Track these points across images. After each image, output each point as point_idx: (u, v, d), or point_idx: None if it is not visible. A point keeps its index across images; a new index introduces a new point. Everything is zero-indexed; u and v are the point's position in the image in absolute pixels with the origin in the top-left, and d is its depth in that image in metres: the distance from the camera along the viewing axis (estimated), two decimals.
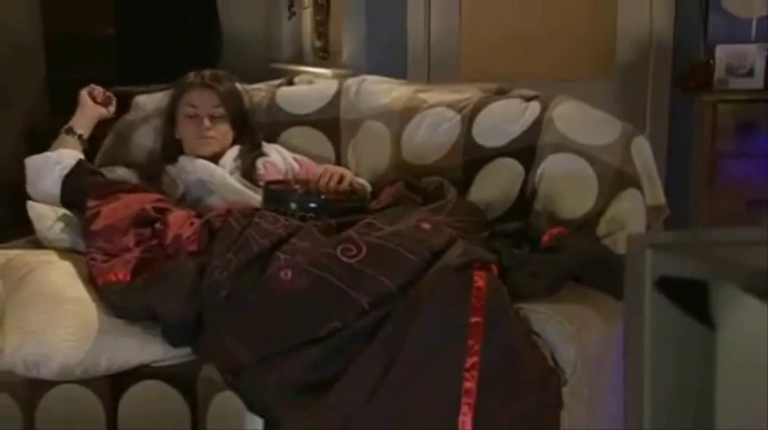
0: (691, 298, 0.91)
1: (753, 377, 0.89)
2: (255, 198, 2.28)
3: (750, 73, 3.13)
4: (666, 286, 0.92)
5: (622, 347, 0.96)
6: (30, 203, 2.23)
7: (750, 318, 0.88)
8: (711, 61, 3.20)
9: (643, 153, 2.31)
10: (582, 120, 2.33)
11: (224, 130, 2.42)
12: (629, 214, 2.22)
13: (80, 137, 2.41)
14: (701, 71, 3.22)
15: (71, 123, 2.43)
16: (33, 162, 2.36)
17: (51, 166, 2.32)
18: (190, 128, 2.40)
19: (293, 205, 2.19)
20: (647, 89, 3.55)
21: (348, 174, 2.36)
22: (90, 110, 2.44)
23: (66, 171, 2.31)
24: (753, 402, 0.88)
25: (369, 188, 2.38)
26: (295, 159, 2.48)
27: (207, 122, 2.39)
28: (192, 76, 2.47)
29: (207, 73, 2.47)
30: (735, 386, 0.89)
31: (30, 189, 2.32)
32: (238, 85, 2.51)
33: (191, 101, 2.42)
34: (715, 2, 3.25)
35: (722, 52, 3.16)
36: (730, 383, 0.90)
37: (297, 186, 2.31)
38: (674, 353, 0.93)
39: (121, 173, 2.39)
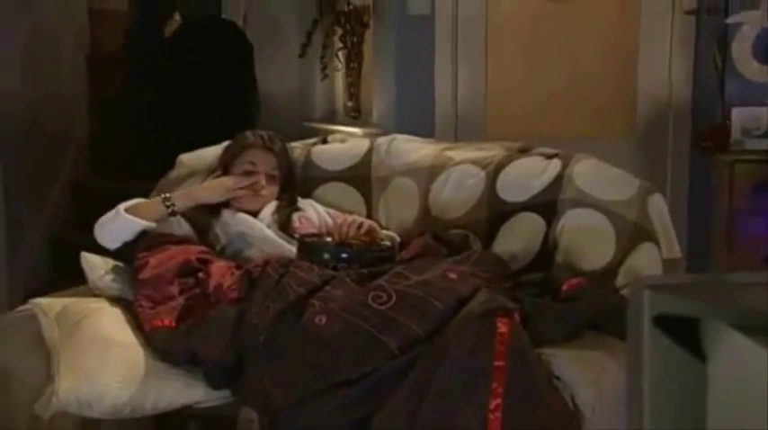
0: (685, 333, 1.03)
1: (740, 406, 0.99)
2: (291, 250, 2.39)
3: (765, 134, 3.22)
4: (664, 323, 1.03)
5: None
6: (83, 254, 2.35)
7: (737, 351, 0.99)
8: (728, 123, 3.30)
9: (659, 209, 2.41)
10: (600, 177, 2.44)
11: (274, 190, 2.56)
12: (646, 267, 2.32)
13: (172, 212, 2.43)
14: (719, 132, 3.31)
15: (175, 196, 2.46)
16: (111, 221, 2.41)
17: (120, 231, 2.39)
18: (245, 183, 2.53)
19: (326, 256, 2.29)
20: (667, 149, 3.63)
21: (367, 222, 2.46)
22: (206, 197, 2.49)
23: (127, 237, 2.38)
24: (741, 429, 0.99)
25: (397, 239, 2.48)
26: (328, 214, 2.58)
27: (263, 181, 2.53)
28: (250, 136, 2.60)
29: (266, 135, 2.61)
30: (724, 414, 1.00)
31: (97, 231, 2.41)
32: (288, 147, 2.66)
33: (251, 159, 2.55)
34: (731, 66, 3.35)
35: (738, 114, 3.25)
36: (720, 412, 1.01)
37: (329, 238, 2.44)
38: (671, 382, 1.04)
39: (173, 221, 2.47)
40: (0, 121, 3.72)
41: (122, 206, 2.42)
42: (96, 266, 2.34)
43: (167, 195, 2.47)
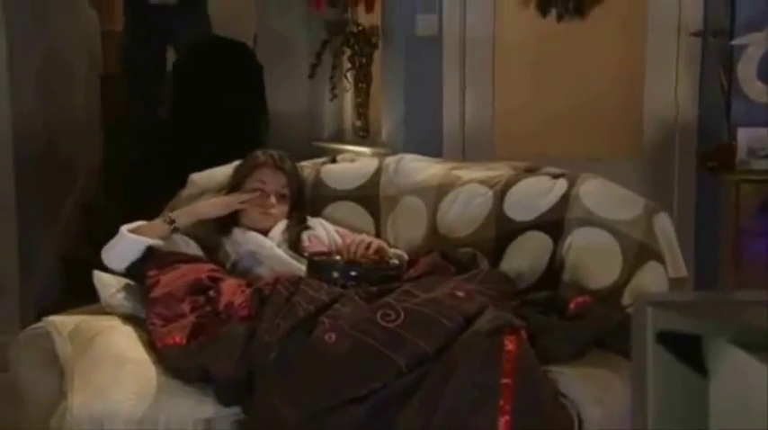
0: (688, 350, 1.05)
1: (741, 421, 1.02)
2: (301, 268, 2.41)
3: None
4: (667, 339, 1.06)
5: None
6: (95, 273, 2.38)
7: (738, 367, 1.01)
8: (734, 143, 3.32)
9: (665, 228, 2.44)
10: (606, 197, 2.47)
11: (284, 209, 2.59)
12: (652, 285, 2.34)
13: (174, 229, 2.47)
14: (725, 152, 3.33)
15: (176, 214, 2.50)
16: (115, 244, 2.45)
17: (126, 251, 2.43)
18: (255, 202, 2.56)
19: (335, 274, 2.32)
20: (673, 169, 3.65)
21: (376, 242, 2.49)
22: (206, 212, 2.53)
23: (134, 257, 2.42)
24: None
25: (406, 258, 2.50)
26: (337, 232, 2.61)
27: (273, 200, 2.56)
28: (261, 155, 2.63)
29: (276, 154, 2.64)
30: (725, 426, 1.02)
31: (104, 255, 2.46)
32: (298, 167, 2.69)
33: (262, 178, 2.58)
34: (737, 87, 3.37)
35: (743, 135, 3.28)
36: (722, 427, 1.03)
37: (338, 257, 2.47)
38: (674, 397, 1.06)
39: (179, 240, 2.51)
40: (15, 142, 3.76)
41: (125, 227, 2.45)
42: (108, 285, 2.38)
43: (169, 214, 2.52)
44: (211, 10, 4.90)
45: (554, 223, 2.45)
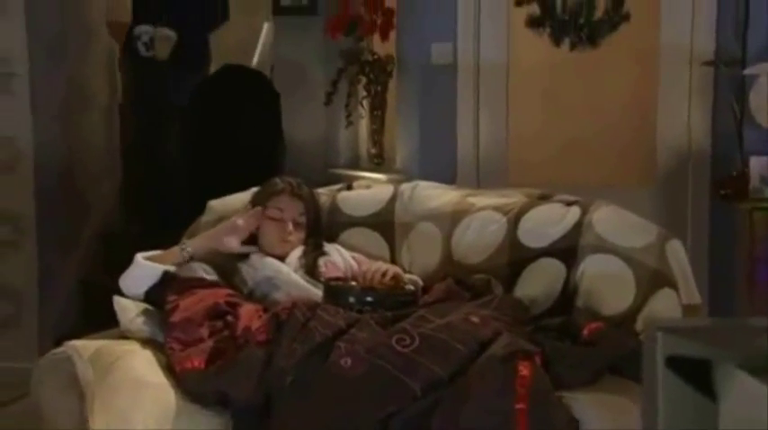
0: (697, 374, 1.08)
1: None
2: (317, 293, 2.43)
3: None
4: (677, 364, 1.08)
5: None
6: (115, 298, 2.42)
7: (746, 392, 1.04)
8: (747, 171, 3.33)
9: (678, 255, 2.46)
10: (619, 224, 2.50)
11: (301, 236, 2.62)
12: (666, 312, 2.35)
13: (190, 257, 2.50)
14: (738, 180, 3.34)
15: (191, 244, 2.55)
16: (132, 271, 2.50)
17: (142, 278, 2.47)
18: (273, 229, 2.59)
19: (351, 299, 2.34)
20: (687, 196, 3.66)
21: (392, 269, 2.51)
22: (222, 243, 2.53)
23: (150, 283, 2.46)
24: None
25: (420, 283, 2.53)
26: (353, 258, 2.64)
27: (290, 227, 2.59)
28: (279, 182, 2.67)
29: (294, 181, 2.68)
30: None
31: (121, 283, 2.50)
32: (315, 193, 2.73)
33: (279, 205, 2.61)
34: (749, 116, 3.40)
35: (756, 163, 3.29)
36: None
37: (354, 282, 2.50)
38: (684, 421, 1.09)
39: (196, 267, 2.54)
40: (36, 170, 3.83)
41: (140, 255, 2.50)
42: (128, 309, 2.41)
43: (185, 241, 2.57)
44: (227, 41, 4.96)
45: (567, 250, 2.48)
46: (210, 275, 2.52)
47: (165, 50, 4.36)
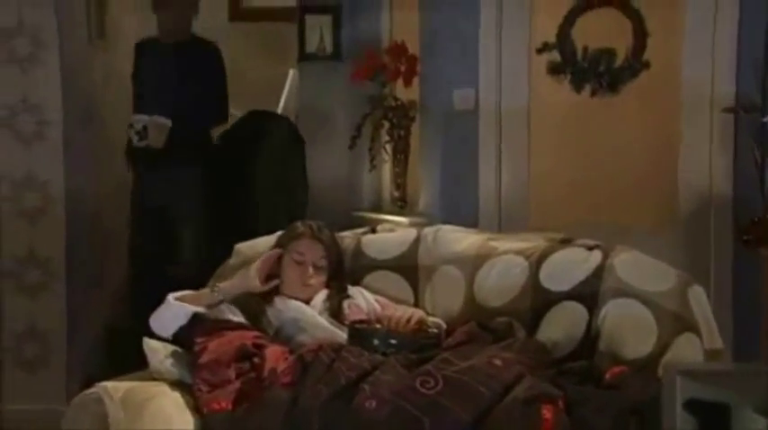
0: (716, 418, 1.10)
1: None
2: (342, 336, 2.47)
3: None
4: (695, 407, 1.11)
5: None
6: (145, 340, 2.46)
7: None
8: None
9: (699, 299, 2.48)
10: (640, 269, 2.52)
11: (322, 280, 2.66)
12: (688, 356, 2.37)
13: (220, 300, 2.55)
14: (760, 226, 3.34)
15: (222, 286, 2.59)
16: (163, 311, 2.56)
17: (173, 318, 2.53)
18: (294, 272, 2.64)
19: (376, 342, 2.38)
20: (709, 241, 3.63)
21: (416, 314, 2.54)
22: (252, 286, 2.57)
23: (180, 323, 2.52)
24: None
25: (444, 326, 2.56)
26: (377, 301, 2.68)
27: (311, 271, 2.63)
28: (300, 226, 2.71)
29: (315, 225, 2.71)
30: None
31: (152, 322, 2.56)
32: (336, 237, 2.77)
33: (300, 249, 2.65)
34: None
35: None
36: None
37: (378, 325, 2.54)
38: None
39: (224, 308, 2.58)
40: (68, 217, 3.92)
41: (171, 296, 2.56)
42: (157, 351, 2.46)
43: (216, 284, 2.62)
44: (253, 87, 5.03)
45: (589, 294, 2.50)
46: (237, 317, 2.56)
47: (160, 139, 4.11)
